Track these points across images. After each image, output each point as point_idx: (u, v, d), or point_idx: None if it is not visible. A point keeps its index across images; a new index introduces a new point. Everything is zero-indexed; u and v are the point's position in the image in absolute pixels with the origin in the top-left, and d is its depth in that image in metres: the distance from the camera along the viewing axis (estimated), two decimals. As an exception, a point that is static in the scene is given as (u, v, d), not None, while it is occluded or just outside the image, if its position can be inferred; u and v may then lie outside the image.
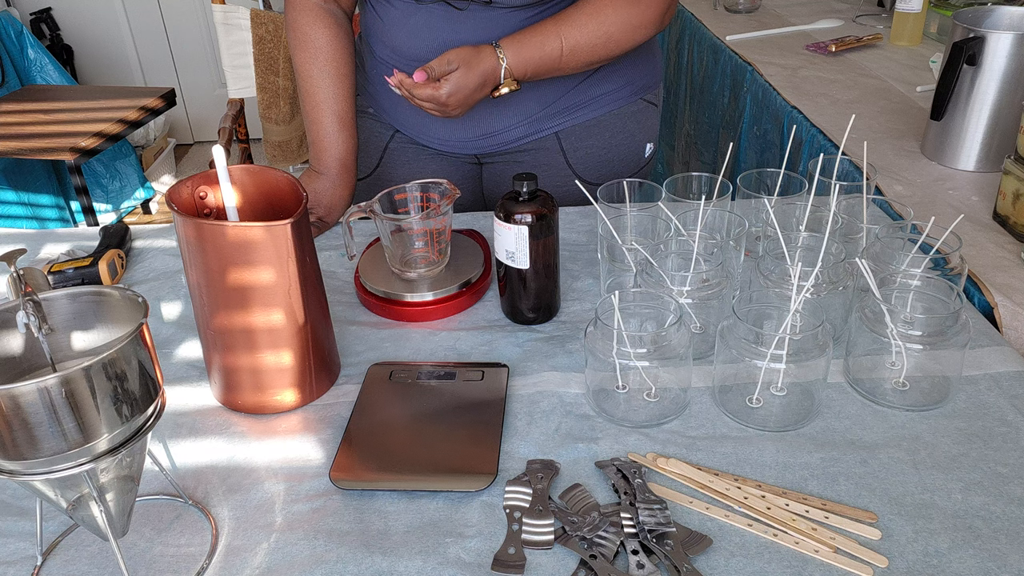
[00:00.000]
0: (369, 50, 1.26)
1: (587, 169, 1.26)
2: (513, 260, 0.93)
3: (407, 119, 1.27)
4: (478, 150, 1.26)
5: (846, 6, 2.27)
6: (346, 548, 0.69)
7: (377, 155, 1.32)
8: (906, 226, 0.94)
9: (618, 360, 0.79)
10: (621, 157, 1.28)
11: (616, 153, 1.27)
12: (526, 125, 1.22)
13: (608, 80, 1.22)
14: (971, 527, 0.69)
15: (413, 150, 1.30)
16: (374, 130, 1.31)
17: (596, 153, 1.26)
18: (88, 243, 1.17)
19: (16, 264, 0.64)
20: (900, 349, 0.80)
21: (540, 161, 1.26)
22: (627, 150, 1.28)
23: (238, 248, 0.76)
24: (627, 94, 1.25)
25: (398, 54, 1.20)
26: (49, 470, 0.58)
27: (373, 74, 1.27)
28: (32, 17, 3.48)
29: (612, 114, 1.25)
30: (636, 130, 1.28)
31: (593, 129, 1.24)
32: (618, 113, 1.25)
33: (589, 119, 1.24)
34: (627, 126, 1.27)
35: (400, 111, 1.26)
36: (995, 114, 1.26)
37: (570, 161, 1.25)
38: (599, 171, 1.27)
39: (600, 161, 1.26)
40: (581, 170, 1.26)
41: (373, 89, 1.29)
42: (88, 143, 2.29)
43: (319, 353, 0.86)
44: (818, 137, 1.47)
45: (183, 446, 0.82)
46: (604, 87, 1.23)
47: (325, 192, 1.19)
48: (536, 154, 1.26)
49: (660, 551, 0.66)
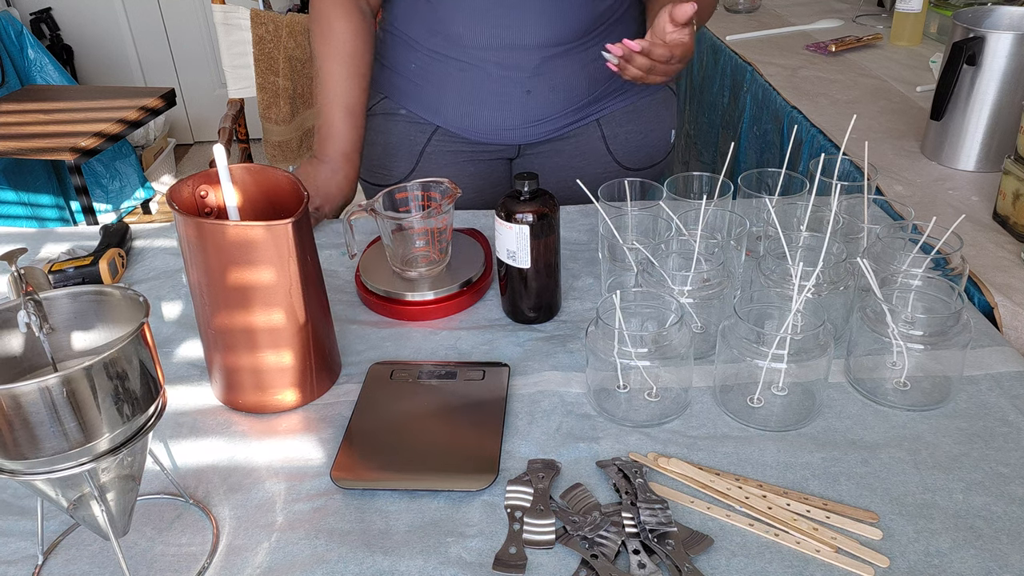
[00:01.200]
0: (408, 43, 1.23)
1: (625, 155, 1.28)
2: (514, 259, 0.93)
3: (453, 110, 1.24)
4: (525, 139, 1.26)
5: (846, 6, 2.27)
6: (347, 547, 0.69)
7: (414, 158, 1.30)
8: (907, 226, 0.94)
9: (619, 360, 0.79)
10: (653, 143, 1.31)
11: (649, 139, 1.30)
12: (574, 111, 1.23)
13: None
14: (972, 527, 0.69)
15: (451, 152, 1.29)
16: (408, 133, 1.29)
17: (633, 139, 1.28)
18: (88, 242, 1.17)
19: (17, 263, 0.64)
20: (901, 349, 0.80)
21: (581, 149, 1.27)
22: (658, 136, 1.31)
23: (239, 247, 0.76)
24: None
25: (453, 42, 1.18)
26: (50, 470, 0.58)
27: (411, 69, 1.24)
28: (32, 17, 3.48)
29: (645, 100, 1.28)
30: (665, 116, 1.32)
31: (631, 115, 1.27)
32: (650, 99, 1.28)
33: (627, 105, 1.26)
34: (658, 112, 1.30)
35: (445, 103, 1.24)
36: (995, 114, 1.26)
37: (610, 147, 1.27)
38: (635, 156, 1.29)
39: (636, 146, 1.29)
40: (620, 156, 1.28)
41: (412, 85, 1.26)
42: (88, 143, 2.29)
43: (320, 352, 0.85)
44: (818, 137, 1.47)
45: (184, 445, 0.82)
46: None
47: (324, 180, 1.18)
48: (578, 141, 1.27)
49: (661, 551, 0.66)
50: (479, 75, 1.20)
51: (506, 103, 1.21)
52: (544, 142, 1.27)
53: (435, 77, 1.22)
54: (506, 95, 1.20)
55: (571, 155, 1.27)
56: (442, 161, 1.29)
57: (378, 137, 1.31)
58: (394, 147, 1.30)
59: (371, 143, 1.31)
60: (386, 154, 1.31)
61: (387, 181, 1.31)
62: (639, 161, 1.29)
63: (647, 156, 1.30)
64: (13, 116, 2.48)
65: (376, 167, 1.33)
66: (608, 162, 1.28)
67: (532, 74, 1.18)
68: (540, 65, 1.16)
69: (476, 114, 1.24)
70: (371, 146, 1.31)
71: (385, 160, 1.31)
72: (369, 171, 1.34)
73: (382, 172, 1.33)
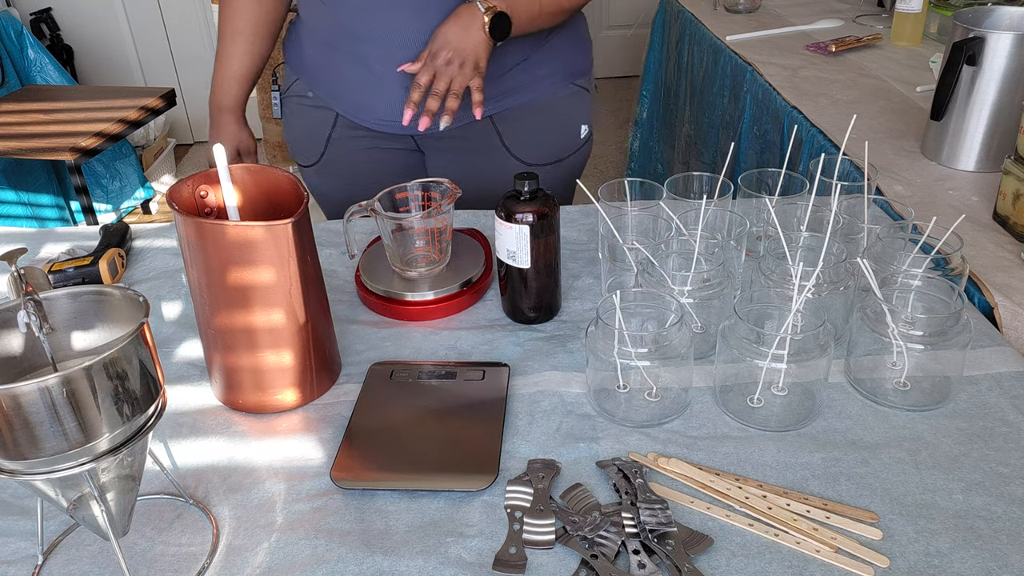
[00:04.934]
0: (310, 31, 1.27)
1: (523, 150, 1.30)
2: (514, 259, 0.93)
3: (348, 99, 1.27)
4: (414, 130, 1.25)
5: (846, 6, 2.27)
6: (347, 548, 0.69)
7: (322, 143, 1.34)
8: (907, 226, 0.94)
9: (619, 360, 0.79)
10: (556, 139, 1.32)
11: (552, 136, 1.32)
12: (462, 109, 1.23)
13: (541, 66, 1.26)
14: (972, 527, 0.69)
15: (357, 139, 1.31)
16: (316, 118, 1.32)
17: (532, 134, 1.30)
18: (88, 242, 1.17)
19: (17, 263, 0.64)
20: (901, 349, 0.80)
21: (478, 145, 1.29)
22: (562, 132, 1.33)
23: (239, 247, 0.76)
24: (559, 80, 1.29)
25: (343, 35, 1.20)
26: (50, 470, 0.58)
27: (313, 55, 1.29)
28: (32, 17, 3.48)
29: (545, 97, 1.29)
30: (569, 113, 1.32)
31: (526, 111, 1.28)
32: (549, 98, 1.29)
33: (523, 102, 1.27)
34: (559, 109, 1.31)
35: (341, 91, 1.27)
36: (995, 114, 1.26)
37: (506, 142, 1.28)
38: (535, 152, 1.31)
39: (536, 142, 1.30)
40: (517, 151, 1.30)
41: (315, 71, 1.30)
42: (88, 143, 2.29)
43: (320, 352, 0.85)
44: (818, 137, 1.47)
45: (184, 445, 0.82)
46: (536, 73, 1.27)
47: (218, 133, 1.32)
48: (471, 139, 1.28)
49: (661, 551, 0.66)
50: (363, 69, 1.22)
51: (389, 97, 1.22)
52: (437, 137, 1.28)
53: (331, 66, 1.25)
54: (388, 89, 1.21)
55: (464, 150, 1.29)
56: (347, 148, 1.32)
57: (294, 119, 1.37)
58: (307, 130, 1.35)
59: (290, 125, 1.39)
60: (302, 137, 1.37)
61: (305, 163, 1.38)
62: (541, 156, 1.31)
63: (552, 152, 1.32)
64: (13, 116, 2.48)
65: (296, 150, 1.39)
66: (505, 157, 1.29)
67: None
68: None
69: (364, 105, 1.26)
70: (290, 128, 1.39)
71: (301, 142, 1.37)
72: (293, 150, 1.41)
73: (301, 154, 1.38)
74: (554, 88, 1.29)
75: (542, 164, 1.31)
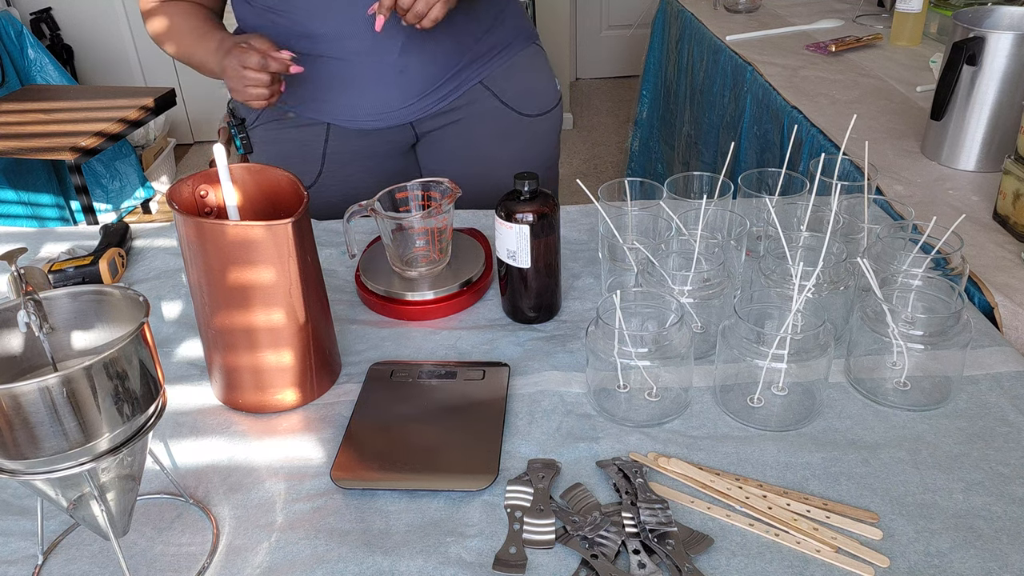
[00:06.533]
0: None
1: (520, 102, 1.33)
2: (514, 259, 0.93)
3: (333, 104, 1.24)
4: (413, 116, 1.26)
5: (846, 6, 2.27)
6: (347, 547, 0.69)
7: (317, 162, 1.29)
8: (907, 226, 0.94)
9: (619, 359, 0.79)
10: (540, 91, 1.36)
11: (536, 87, 1.35)
12: (452, 78, 1.25)
13: (504, 28, 1.30)
14: (973, 527, 0.69)
15: (352, 149, 1.29)
16: (305, 138, 1.27)
17: (520, 89, 1.32)
18: (88, 242, 1.17)
19: (17, 263, 0.64)
20: (901, 349, 0.80)
21: (478, 111, 1.30)
22: (543, 82, 1.37)
23: (239, 247, 0.76)
24: (523, 39, 1.34)
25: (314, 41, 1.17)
26: (50, 469, 0.58)
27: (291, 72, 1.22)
28: (32, 17, 3.48)
29: (519, 56, 1.32)
30: (542, 66, 1.37)
31: (510, 70, 1.31)
32: (523, 54, 1.33)
33: (503, 63, 1.30)
34: (536, 63, 1.36)
35: (324, 98, 1.23)
36: (995, 114, 1.26)
37: (503, 100, 1.31)
38: (531, 102, 1.34)
39: (527, 95, 1.33)
40: (516, 104, 1.32)
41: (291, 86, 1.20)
42: (88, 143, 2.29)
43: (320, 352, 0.85)
44: (818, 137, 1.47)
45: (184, 445, 0.82)
46: (503, 35, 1.30)
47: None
48: (470, 106, 1.29)
49: (661, 551, 0.66)
50: (347, 66, 1.20)
51: (383, 85, 1.22)
52: (436, 115, 1.28)
53: (308, 76, 1.19)
54: (380, 78, 1.21)
55: (468, 120, 1.30)
56: (346, 157, 1.29)
57: (269, 148, 1.29)
58: (288, 155, 1.28)
59: (269, 153, 1.29)
60: (289, 158, 1.28)
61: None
62: (538, 106, 1.34)
63: (539, 103, 1.35)
64: (13, 116, 2.48)
65: None
66: (507, 113, 1.31)
67: (400, 53, 1.18)
68: (407, 43, 1.17)
69: (357, 103, 1.24)
70: (270, 156, 1.29)
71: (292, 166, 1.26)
72: None
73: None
74: (523, 47, 1.33)
75: (538, 114, 1.35)
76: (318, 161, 1.30)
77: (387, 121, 1.26)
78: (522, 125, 1.33)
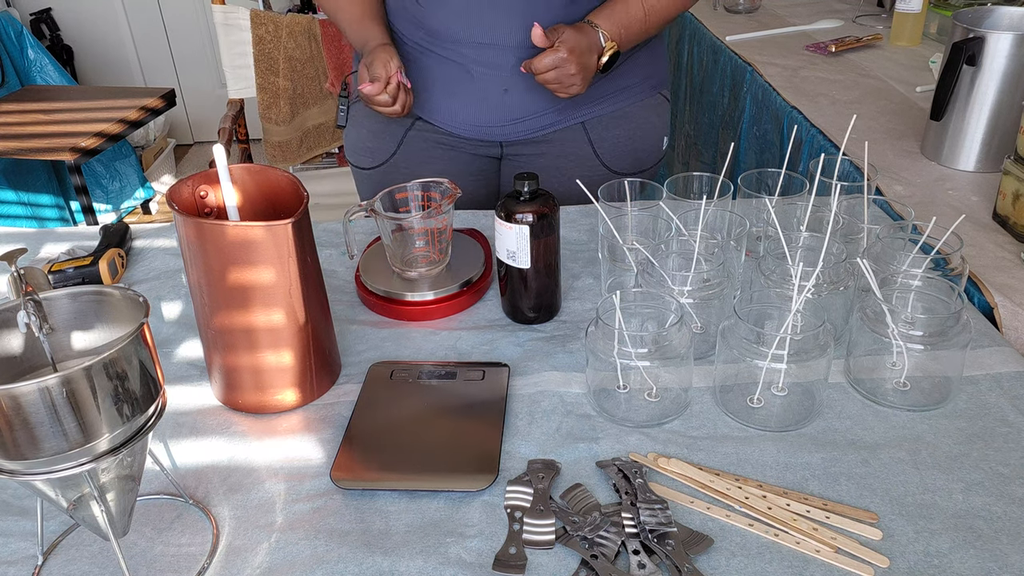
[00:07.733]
0: (395, 35, 1.25)
1: (613, 158, 1.29)
2: (514, 259, 0.93)
3: (434, 103, 1.26)
4: (505, 137, 1.27)
5: (846, 6, 2.27)
6: (347, 548, 0.69)
7: (394, 143, 1.31)
8: (907, 226, 0.94)
9: (619, 360, 0.79)
10: (643, 147, 1.32)
11: (639, 143, 1.31)
12: (554, 112, 1.24)
13: (630, 74, 1.26)
14: (972, 527, 0.69)
15: (432, 142, 1.30)
16: (391, 119, 1.30)
17: (621, 143, 1.29)
18: (88, 242, 1.16)
19: (17, 263, 0.64)
20: (901, 349, 0.80)
21: (567, 150, 1.28)
22: (648, 141, 1.32)
23: (239, 248, 0.76)
24: (647, 88, 1.30)
25: (434, 37, 1.20)
26: (50, 470, 0.58)
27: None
28: (32, 17, 3.48)
29: (635, 106, 1.29)
30: (656, 122, 1.33)
31: (618, 120, 1.28)
32: (640, 105, 1.29)
33: (614, 110, 1.27)
34: (648, 118, 1.31)
35: (426, 95, 1.26)
36: (995, 114, 1.26)
37: (597, 150, 1.28)
38: (624, 160, 1.30)
39: (624, 150, 1.30)
40: (607, 159, 1.29)
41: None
42: (88, 143, 2.29)
43: (320, 352, 0.85)
44: (818, 137, 1.47)
45: (184, 446, 0.82)
46: (626, 80, 1.26)
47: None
48: (563, 144, 1.28)
49: (661, 551, 0.66)
50: (459, 71, 1.21)
51: (484, 100, 1.23)
52: (527, 142, 1.28)
53: (417, 70, 1.24)
54: (484, 92, 1.22)
55: (556, 156, 1.28)
56: (421, 147, 1.30)
57: (364, 120, 1.33)
58: (378, 131, 1.32)
59: (357, 125, 1.34)
60: (371, 136, 1.33)
61: (369, 164, 1.34)
62: (628, 166, 1.30)
63: (636, 161, 1.31)
64: (13, 116, 2.48)
65: (360, 150, 1.35)
66: (595, 165, 1.29)
67: (510, 73, 1.19)
68: (517, 64, 1.17)
69: (455, 109, 1.25)
70: (357, 128, 1.34)
71: (369, 142, 1.33)
72: (353, 153, 1.37)
73: (366, 156, 1.35)
74: (641, 97, 1.29)
75: (627, 173, 1.30)
76: (395, 143, 1.31)
77: (477, 134, 1.27)
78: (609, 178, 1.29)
